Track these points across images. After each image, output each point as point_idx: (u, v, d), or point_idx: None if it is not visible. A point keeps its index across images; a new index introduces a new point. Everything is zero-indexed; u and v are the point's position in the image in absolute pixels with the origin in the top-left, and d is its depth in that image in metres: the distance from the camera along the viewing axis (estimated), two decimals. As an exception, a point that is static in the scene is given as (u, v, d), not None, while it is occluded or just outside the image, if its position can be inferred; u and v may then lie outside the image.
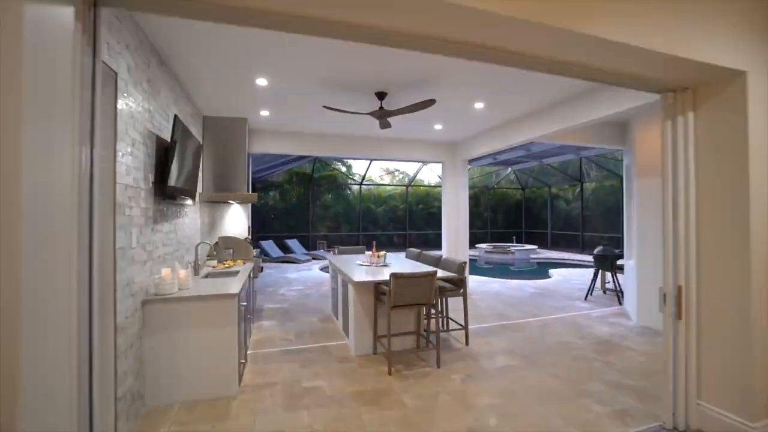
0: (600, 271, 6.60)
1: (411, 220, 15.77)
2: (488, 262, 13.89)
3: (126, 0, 1.51)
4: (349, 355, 3.86)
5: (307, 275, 9.08)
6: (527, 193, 17.60)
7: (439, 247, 17.69)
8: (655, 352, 3.84)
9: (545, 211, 16.67)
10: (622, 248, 5.93)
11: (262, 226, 13.43)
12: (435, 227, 16.50)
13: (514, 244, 15.07)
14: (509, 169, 15.46)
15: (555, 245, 15.68)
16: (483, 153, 6.63)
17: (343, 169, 15.06)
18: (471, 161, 6.99)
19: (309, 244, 13.54)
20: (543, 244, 15.76)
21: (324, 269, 11.03)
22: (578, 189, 15.96)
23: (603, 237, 13.95)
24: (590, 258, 12.60)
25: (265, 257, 11.63)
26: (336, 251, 6.17)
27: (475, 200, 17.63)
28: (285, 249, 12.42)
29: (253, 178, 12.92)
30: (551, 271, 10.50)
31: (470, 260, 15.45)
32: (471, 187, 18.11)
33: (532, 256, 13.85)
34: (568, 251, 14.56)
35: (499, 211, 17.62)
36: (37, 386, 1.02)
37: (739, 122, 2.12)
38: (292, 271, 9.66)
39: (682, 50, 1.91)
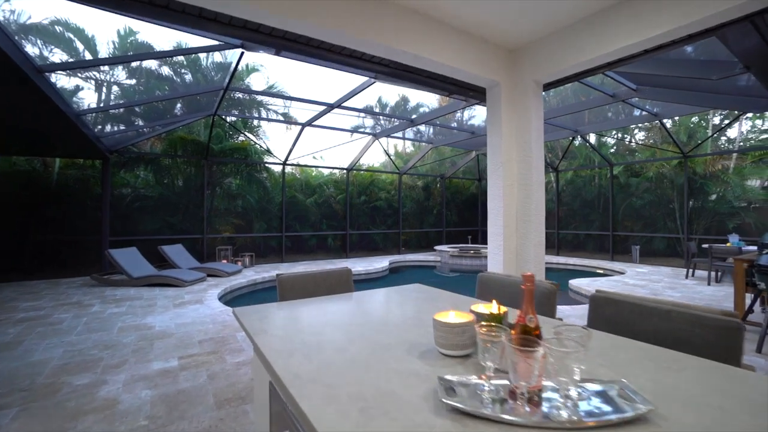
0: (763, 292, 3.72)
1: (350, 217, 11.89)
2: (455, 270, 10.85)
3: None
4: None
5: (194, 316, 4.59)
6: (484, 184, 15.13)
7: (388, 251, 14.21)
8: None
9: (505, 206, 14.38)
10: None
11: (119, 223, 8.15)
12: (381, 226, 12.89)
13: (485, 246, 12.34)
14: (473, 152, 12.70)
15: (521, 245, 13.33)
16: (567, 70, 3.28)
17: (257, 141, 10.46)
18: (548, 86, 3.54)
19: (203, 252, 8.69)
20: (507, 244, 13.31)
21: (230, 296, 6.53)
22: (547, 180, 14.01)
23: (591, 236, 12.00)
24: (579, 261, 9.83)
25: (118, 277, 6.61)
26: (281, 280, 2.09)
27: (426, 192, 14.56)
28: (160, 261, 7.47)
29: (102, 143, 7.53)
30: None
31: (429, 268, 12.33)
32: (422, 175, 15.10)
33: (506, 259, 11.19)
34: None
35: (451, 207, 14.84)
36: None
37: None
38: (165, 306, 5.02)
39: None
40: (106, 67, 8.08)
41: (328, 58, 3.15)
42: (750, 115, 10.70)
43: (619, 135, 12.61)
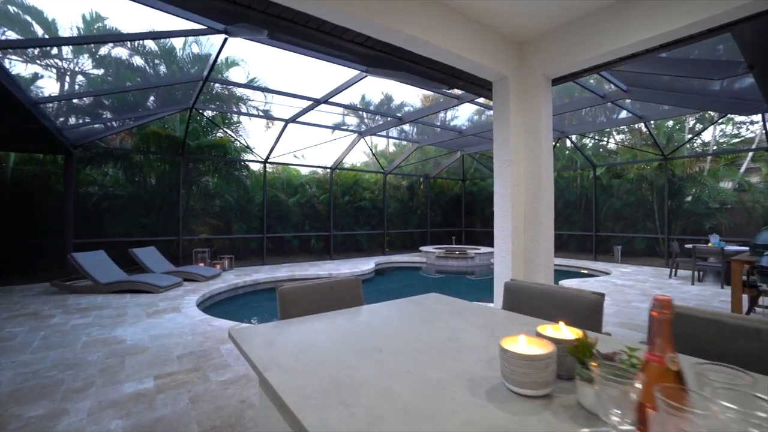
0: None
1: (334, 217, 11.51)
2: (441, 271, 10.73)
3: None
4: None
5: (171, 327, 4.18)
6: (468, 185, 15.12)
7: (372, 252, 13.85)
8: None
9: (490, 206, 14.38)
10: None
11: (85, 225, 7.52)
12: (365, 226, 12.60)
13: (471, 246, 12.27)
14: (458, 153, 12.62)
15: (505, 246, 13.38)
16: (579, 64, 3.14)
17: (236, 138, 9.94)
18: (557, 81, 3.36)
19: (179, 255, 8.14)
20: (490, 246, 13.32)
21: (209, 303, 6.11)
22: (528, 180, 14.13)
23: (573, 236, 12.12)
24: (563, 262, 9.72)
25: (84, 283, 6.05)
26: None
27: (410, 193, 14.38)
28: (131, 265, 6.91)
29: (66, 136, 6.88)
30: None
31: (415, 269, 12.11)
32: (406, 175, 14.91)
33: (492, 260, 11.15)
34: (525, 252, 12.29)
35: (435, 207, 14.69)
36: None
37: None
38: (137, 315, 4.57)
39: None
40: (69, 54, 7.44)
41: (325, 43, 2.85)
42: (722, 120, 11.12)
43: (597, 137, 12.83)
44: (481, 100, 6.99)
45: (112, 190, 8.33)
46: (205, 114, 8.64)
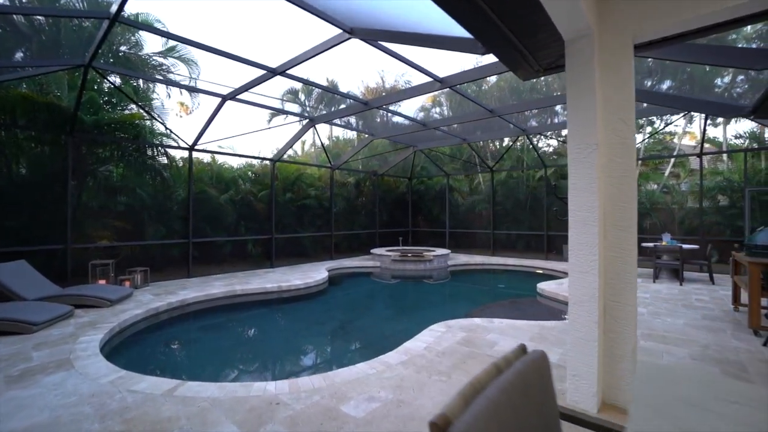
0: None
1: (275, 218, 9.88)
2: (397, 276, 9.90)
3: None
4: None
5: (56, 404, 2.54)
6: (414, 183, 14.52)
7: (317, 257, 12.02)
8: None
9: (437, 205, 13.94)
10: None
11: None
12: (310, 228, 11.17)
13: (426, 248, 11.58)
14: (411, 148, 11.86)
15: (455, 247, 13.10)
16: (676, 26, 2.47)
17: (153, 116, 7.76)
18: (640, 48, 2.58)
19: (67, 271, 5.91)
20: (439, 247, 12.88)
21: (119, 341, 4.34)
22: (477, 180, 14.00)
23: (521, 235, 12.16)
24: (516, 262, 9.49)
25: None
26: None
27: (357, 191, 13.27)
28: (-16, 289, 4.68)
29: None
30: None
31: (365, 275, 10.87)
32: (354, 171, 13.54)
33: (449, 262, 10.65)
34: (478, 254, 12.09)
35: (381, 207, 13.79)
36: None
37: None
38: (-10, 383, 2.77)
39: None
40: None
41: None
42: (649, 129, 12.17)
43: (545, 137, 13.20)
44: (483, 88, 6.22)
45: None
46: (108, 79, 6.46)
